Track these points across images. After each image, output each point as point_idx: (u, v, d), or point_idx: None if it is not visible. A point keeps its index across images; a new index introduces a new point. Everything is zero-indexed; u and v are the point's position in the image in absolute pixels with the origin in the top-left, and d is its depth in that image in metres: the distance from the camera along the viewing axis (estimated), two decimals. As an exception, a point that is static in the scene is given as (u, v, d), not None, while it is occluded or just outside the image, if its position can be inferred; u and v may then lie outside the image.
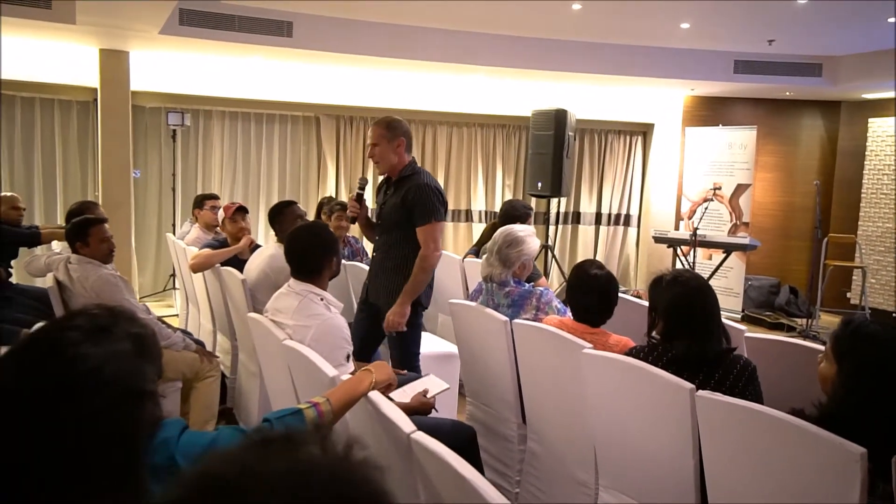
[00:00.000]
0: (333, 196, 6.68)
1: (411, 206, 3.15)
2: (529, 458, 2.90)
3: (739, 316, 7.14)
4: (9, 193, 5.03)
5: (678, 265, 6.98)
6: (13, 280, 4.74)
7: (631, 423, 2.31)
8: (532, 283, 3.23)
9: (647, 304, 3.30)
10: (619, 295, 2.82)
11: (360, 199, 3.31)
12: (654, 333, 2.42)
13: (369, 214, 3.54)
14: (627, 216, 8.56)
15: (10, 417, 0.95)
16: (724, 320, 2.42)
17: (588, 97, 7.89)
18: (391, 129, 3.19)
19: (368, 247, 5.48)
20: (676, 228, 7.92)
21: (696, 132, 7.94)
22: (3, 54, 6.00)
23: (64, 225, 4.91)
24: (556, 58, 6.78)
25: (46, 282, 3.77)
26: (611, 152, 8.48)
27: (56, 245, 5.03)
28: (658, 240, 6.99)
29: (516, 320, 2.85)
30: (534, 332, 2.71)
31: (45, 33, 5.64)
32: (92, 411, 0.96)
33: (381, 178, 3.45)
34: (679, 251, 6.97)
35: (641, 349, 2.40)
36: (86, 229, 3.46)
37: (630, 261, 8.61)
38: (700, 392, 2.01)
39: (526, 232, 3.13)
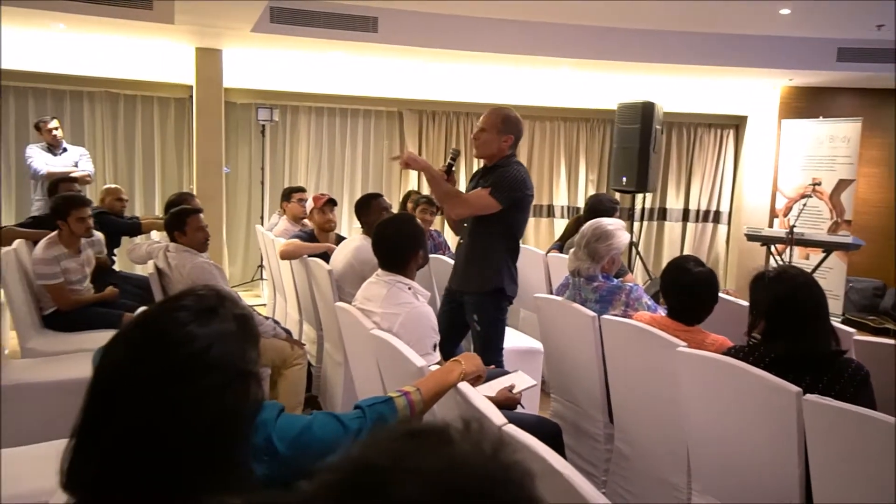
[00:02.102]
0: (416, 190, 6.72)
1: (492, 180, 3.11)
2: (616, 457, 2.82)
3: (840, 319, 6.74)
4: (113, 185, 5.33)
5: (772, 264, 6.65)
6: (116, 267, 5.01)
7: (729, 425, 2.20)
8: (620, 279, 3.14)
9: (742, 302, 3.17)
10: (714, 293, 2.69)
11: (450, 169, 3.26)
12: (754, 333, 2.30)
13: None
14: (717, 213, 8.22)
15: (122, 396, 0.98)
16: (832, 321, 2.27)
17: (677, 89, 7.62)
18: (506, 123, 3.16)
19: (451, 240, 5.49)
20: (770, 226, 7.54)
21: (793, 125, 7.53)
22: (109, 55, 6.35)
23: (161, 216, 5.16)
24: (644, 49, 6.57)
25: (147, 269, 3.97)
26: (700, 146, 8.16)
27: (155, 234, 5.27)
28: (751, 237, 6.67)
29: (605, 316, 2.77)
30: (624, 328, 2.63)
31: (146, 32, 5.91)
32: (200, 391, 0.98)
33: (474, 163, 3.42)
34: (773, 250, 6.64)
35: (741, 349, 2.28)
36: (183, 219, 3.61)
37: (719, 259, 8.28)
38: (808, 396, 1.89)
39: (615, 226, 3.04)
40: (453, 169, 3.29)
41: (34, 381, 3.16)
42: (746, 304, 3.02)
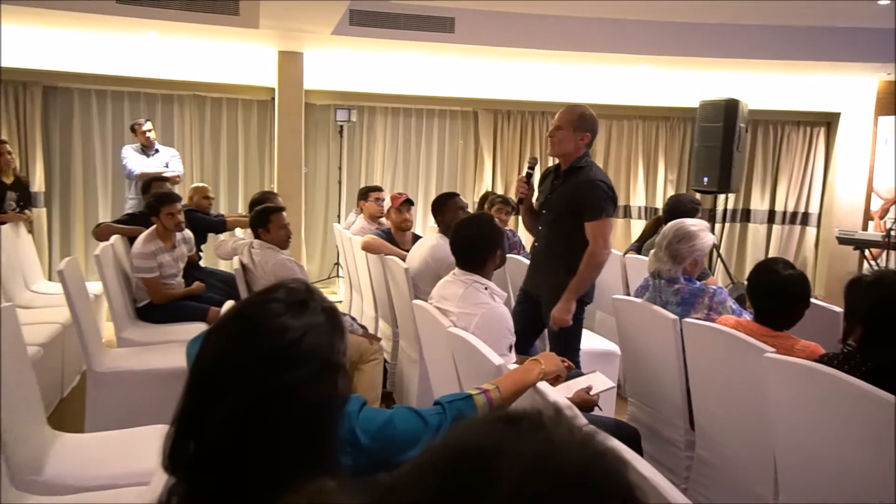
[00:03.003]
0: (492, 190, 6.72)
1: (581, 201, 3.08)
2: (698, 465, 2.73)
3: (940, 329, 6.30)
4: (201, 184, 5.55)
5: (866, 269, 6.30)
6: (202, 263, 5.22)
7: (821, 436, 2.10)
8: (702, 282, 3.05)
9: (834, 308, 3.02)
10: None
11: (529, 179, 3.25)
12: (849, 340, 2.19)
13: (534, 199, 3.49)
14: (806, 214, 7.85)
15: (219, 384, 1.02)
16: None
17: (763, 86, 7.32)
18: (582, 120, 3.12)
19: (525, 240, 5.46)
20: (864, 228, 7.14)
21: (891, 122, 7.11)
22: (197, 60, 6.64)
23: (244, 213, 5.34)
24: (728, 44, 6.34)
25: (231, 264, 4.12)
26: (788, 145, 7.81)
27: (239, 232, 5.47)
28: (842, 241, 6.34)
29: (687, 319, 2.69)
30: (707, 332, 2.55)
31: (232, 37, 6.14)
32: (292, 380, 1.01)
33: (549, 163, 3.41)
34: (867, 254, 6.29)
35: (835, 357, 2.17)
36: (267, 216, 3.73)
37: (808, 263, 7.90)
38: (911, 408, 1.78)
39: (699, 226, 2.95)
40: (532, 178, 3.30)
41: (129, 368, 3.34)
42: (838, 309, 2.89)
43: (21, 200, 5.23)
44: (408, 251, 4.05)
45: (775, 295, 2.45)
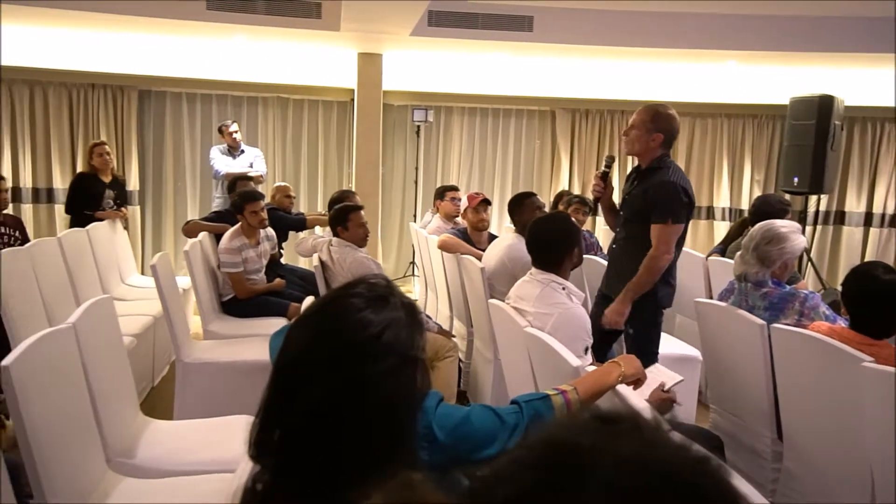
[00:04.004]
0: (568, 190, 6.63)
1: (652, 201, 3.00)
2: (785, 478, 2.61)
3: None
4: (283, 183, 5.72)
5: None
6: (283, 261, 5.38)
7: (925, 453, 1.96)
8: (792, 286, 2.91)
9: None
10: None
11: (605, 177, 3.20)
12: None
13: (614, 198, 3.42)
14: (906, 217, 7.39)
15: (303, 376, 1.05)
16: None
17: (860, 81, 6.92)
18: (656, 120, 3.04)
19: (603, 241, 5.36)
20: (973, 233, 6.65)
21: None
22: (280, 63, 6.85)
23: (324, 212, 5.47)
24: (821, 37, 6.02)
25: (310, 261, 4.23)
26: (888, 143, 7.36)
27: (318, 230, 5.60)
28: (948, 245, 5.92)
29: (775, 325, 2.57)
30: (798, 339, 2.43)
31: (314, 40, 6.30)
32: (374, 373, 1.02)
33: (628, 162, 3.34)
34: (977, 260, 5.85)
35: (941, 368, 2.02)
36: (346, 215, 3.81)
37: (907, 269, 7.42)
38: None
39: (789, 228, 2.81)
40: (609, 177, 3.24)
41: (215, 360, 3.48)
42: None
43: (118, 198, 5.52)
44: (483, 251, 4.05)
45: (874, 301, 2.31)
